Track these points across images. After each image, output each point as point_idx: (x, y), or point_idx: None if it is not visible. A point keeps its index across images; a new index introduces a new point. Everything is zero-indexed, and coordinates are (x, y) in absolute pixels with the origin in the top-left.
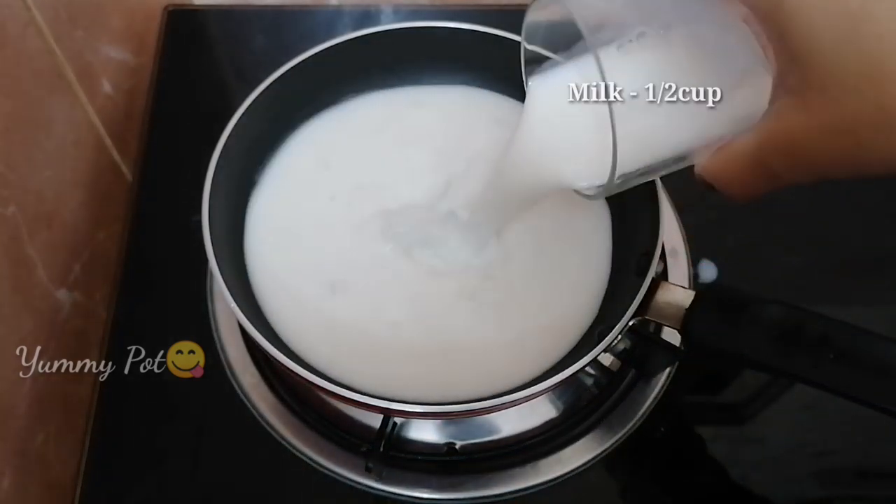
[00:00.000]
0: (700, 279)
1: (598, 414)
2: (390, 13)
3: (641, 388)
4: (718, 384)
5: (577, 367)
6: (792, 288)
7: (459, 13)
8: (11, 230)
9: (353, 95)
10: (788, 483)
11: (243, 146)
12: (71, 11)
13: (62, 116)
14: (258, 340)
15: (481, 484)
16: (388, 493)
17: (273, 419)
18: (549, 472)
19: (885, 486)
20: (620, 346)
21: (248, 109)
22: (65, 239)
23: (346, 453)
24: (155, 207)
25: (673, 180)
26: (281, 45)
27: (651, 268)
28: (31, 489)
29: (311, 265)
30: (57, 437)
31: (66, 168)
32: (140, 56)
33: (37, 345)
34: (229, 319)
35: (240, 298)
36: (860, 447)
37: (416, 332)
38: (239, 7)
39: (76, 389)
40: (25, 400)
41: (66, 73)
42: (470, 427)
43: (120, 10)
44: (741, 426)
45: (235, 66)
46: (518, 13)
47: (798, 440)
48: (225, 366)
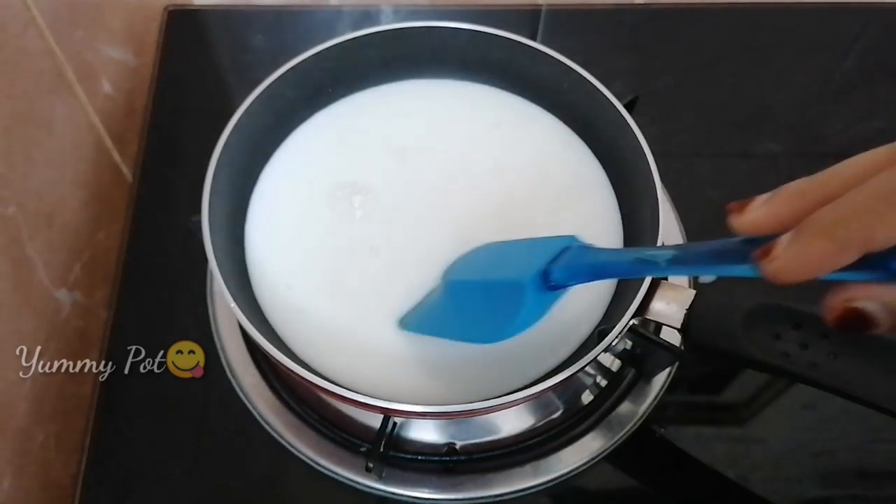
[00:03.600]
0: (700, 279)
1: (598, 414)
2: (390, 13)
3: (641, 388)
4: (718, 384)
5: (577, 367)
6: (792, 288)
7: (459, 13)
8: (11, 230)
9: (352, 95)
10: (788, 483)
11: (243, 146)
12: (71, 11)
13: (62, 116)
14: (258, 340)
15: (481, 484)
16: (388, 493)
17: (273, 419)
18: (549, 472)
19: (885, 486)
20: (620, 346)
21: (247, 109)
22: (65, 239)
23: (346, 453)
24: (155, 207)
25: (673, 180)
26: (281, 45)
27: None
28: (31, 489)
29: (310, 265)
30: (57, 437)
31: (67, 168)
32: (140, 56)
33: (37, 345)
34: (229, 319)
35: (239, 298)
36: (860, 447)
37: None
38: (239, 7)
39: (76, 389)
40: (25, 400)
41: (66, 73)
42: (470, 427)
43: (120, 11)
44: (741, 426)
45: (235, 66)
46: (518, 13)
47: (798, 440)
48: (225, 366)
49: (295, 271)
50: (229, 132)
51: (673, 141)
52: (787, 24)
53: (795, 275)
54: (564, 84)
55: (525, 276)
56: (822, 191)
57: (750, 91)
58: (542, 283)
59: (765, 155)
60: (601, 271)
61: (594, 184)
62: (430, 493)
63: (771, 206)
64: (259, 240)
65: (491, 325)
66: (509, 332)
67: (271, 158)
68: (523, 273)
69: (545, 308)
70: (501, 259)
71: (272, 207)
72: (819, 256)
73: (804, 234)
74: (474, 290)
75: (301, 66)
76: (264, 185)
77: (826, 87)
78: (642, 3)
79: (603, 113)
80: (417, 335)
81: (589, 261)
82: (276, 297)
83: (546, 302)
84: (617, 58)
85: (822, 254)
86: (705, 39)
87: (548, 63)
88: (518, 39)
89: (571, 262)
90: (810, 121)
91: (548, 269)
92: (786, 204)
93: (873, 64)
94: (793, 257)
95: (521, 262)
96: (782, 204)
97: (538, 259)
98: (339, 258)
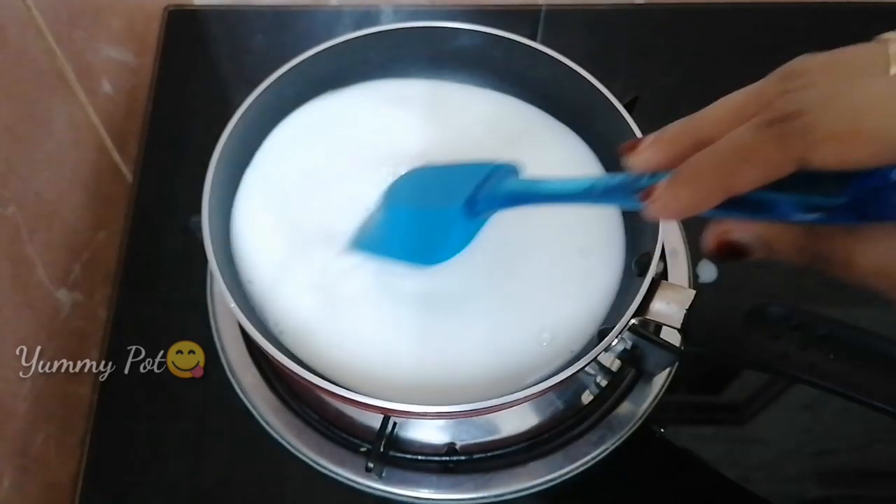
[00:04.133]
0: (700, 279)
1: (598, 414)
2: (390, 13)
3: (641, 388)
4: (718, 384)
5: (577, 367)
6: (792, 288)
7: (459, 13)
8: (11, 230)
9: (352, 95)
10: (788, 483)
11: (243, 146)
12: (71, 12)
13: (62, 117)
14: (258, 340)
15: (481, 484)
16: (388, 493)
17: (273, 419)
18: (549, 472)
19: (885, 486)
20: (620, 346)
21: (248, 109)
22: (65, 239)
23: (346, 453)
24: (155, 207)
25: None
26: (281, 45)
27: (651, 268)
28: (31, 489)
29: (310, 265)
30: (57, 437)
31: (66, 168)
32: (140, 56)
33: (37, 345)
34: (229, 319)
35: (239, 298)
36: (860, 447)
37: (418, 332)
38: (239, 7)
39: (76, 389)
40: (25, 400)
41: (67, 73)
42: (470, 427)
43: (120, 11)
44: (741, 426)
45: (235, 66)
46: (518, 13)
47: (798, 440)
48: (225, 366)
49: (294, 271)
50: (229, 132)
51: None
52: (787, 24)
53: (671, 214)
54: (564, 84)
55: (452, 204)
56: (696, 134)
57: None
58: (468, 211)
59: None
60: (516, 199)
61: None
62: (430, 493)
63: (655, 148)
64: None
65: (425, 248)
66: (440, 257)
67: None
68: (451, 202)
69: (472, 234)
70: (434, 184)
71: (272, 207)
72: (688, 201)
73: (677, 182)
74: (408, 217)
75: (301, 66)
76: (264, 184)
77: None
78: (642, 3)
79: (603, 113)
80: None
81: (506, 189)
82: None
83: (473, 228)
84: (617, 58)
85: (690, 199)
86: (705, 39)
87: (548, 63)
88: (518, 39)
89: (491, 189)
90: None
91: (473, 196)
92: (667, 146)
93: None
94: (668, 201)
95: (451, 189)
96: (664, 147)
97: (465, 186)
98: (338, 258)
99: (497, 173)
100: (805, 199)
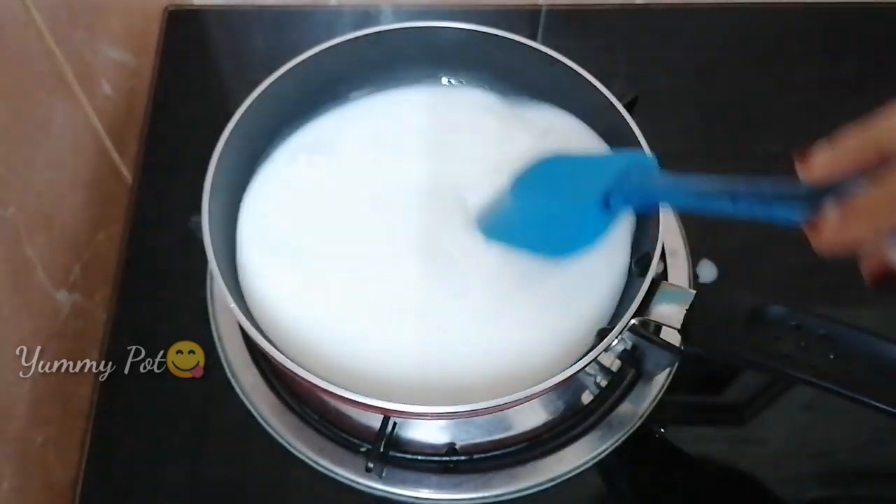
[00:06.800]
0: (700, 279)
1: (598, 414)
2: (390, 13)
3: (641, 388)
4: (718, 384)
5: (577, 367)
6: (792, 288)
7: (459, 13)
8: (11, 232)
9: (352, 95)
10: (788, 483)
11: (243, 146)
12: (71, 12)
13: (62, 117)
14: (258, 340)
15: (481, 484)
16: (388, 493)
17: (273, 419)
18: (549, 472)
19: (886, 486)
20: (620, 347)
21: (247, 109)
22: (64, 240)
23: (346, 453)
24: (155, 208)
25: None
26: (281, 45)
27: (651, 268)
28: (31, 490)
29: (309, 265)
30: (57, 437)
31: (66, 169)
32: (140, 56)
33: (37, 345)
34: (229, 319)
35: (239, 299)
36: (860, 447)
37: (417, 332)
38: (239, 7)
39: (76, 390)
40: (25, 401)
41: (66, 74)
42: (470, 427)
43: (120, 11)
44: (741, 426)
45: (235, 67)
46: (518, 13)
47: (798, 440)
48: (225, 366)
49: (294, 271)
50: (229, 132)
51: (673, 141)
52: (786, 24)
53: (837, 252)
54: (564, 84)
55: (588, 198)
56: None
57: (749, 91)
58: (603, 206)
59: (764, 155)
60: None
61: None
62: (430, 493)
63: (836, 158)
64: (259, 239)
65: (557, 240)
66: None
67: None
68: (586, 195)
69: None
70: (566, 175)
71: (271, 208)
72: (857, 240)
73: (848, 221)
74: (541, 208)
75: (301, 66)
76: (264, 185)
77: (826, 87)
78: (642, 3)
79: (603, 113)
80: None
81: (647, 186)
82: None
83: (606, 222)
84: (617, 58)
85: (859, 238)
86: (705, 39)
87: (547, 63)
88: (518, 39)
89: (631, 186)
90: (810, 121)
91: (608, 190)
92: (849, 156)
93: (873, 64)
94: (836, 239)
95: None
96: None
97: (600, 179)
98: (338, 259)
99: (635, 168)
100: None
